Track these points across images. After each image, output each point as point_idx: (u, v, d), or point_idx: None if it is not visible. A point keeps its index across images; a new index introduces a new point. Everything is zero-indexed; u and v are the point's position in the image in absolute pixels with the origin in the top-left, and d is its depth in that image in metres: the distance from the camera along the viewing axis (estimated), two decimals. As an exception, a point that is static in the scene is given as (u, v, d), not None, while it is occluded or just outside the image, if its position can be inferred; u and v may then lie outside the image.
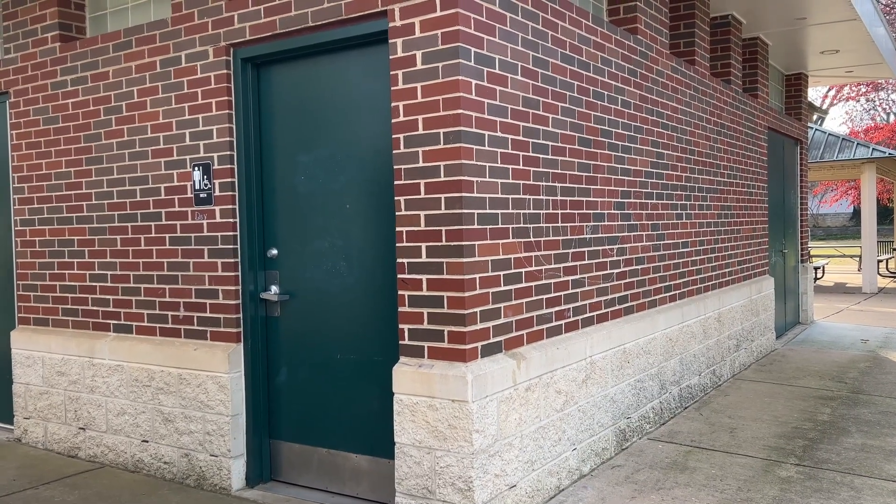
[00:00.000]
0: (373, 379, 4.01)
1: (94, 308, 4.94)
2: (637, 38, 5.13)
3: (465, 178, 3.45)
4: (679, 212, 5.85)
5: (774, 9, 7.12)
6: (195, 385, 4.40)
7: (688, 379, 5.93)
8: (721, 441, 5.01)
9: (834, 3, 6.89)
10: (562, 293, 4.25)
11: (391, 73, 3.60)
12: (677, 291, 5.85)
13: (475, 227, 3.52)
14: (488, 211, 3.61)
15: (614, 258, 4.83)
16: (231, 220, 4.27)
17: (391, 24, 3.59)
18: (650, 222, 5.34)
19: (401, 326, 3.65)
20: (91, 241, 4.92)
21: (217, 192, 4.30)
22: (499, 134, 3.69)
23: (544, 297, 4.08)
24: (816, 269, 16.74)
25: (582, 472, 4.37)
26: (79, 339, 4.96)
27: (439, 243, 3.50)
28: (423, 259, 3.55)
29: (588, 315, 4.53)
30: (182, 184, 4.45)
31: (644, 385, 5.16)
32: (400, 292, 3.64)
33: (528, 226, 3.94)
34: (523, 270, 3.89)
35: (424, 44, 3.49)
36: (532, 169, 3.97)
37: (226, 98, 4.24)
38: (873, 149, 14.19)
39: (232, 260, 4.28)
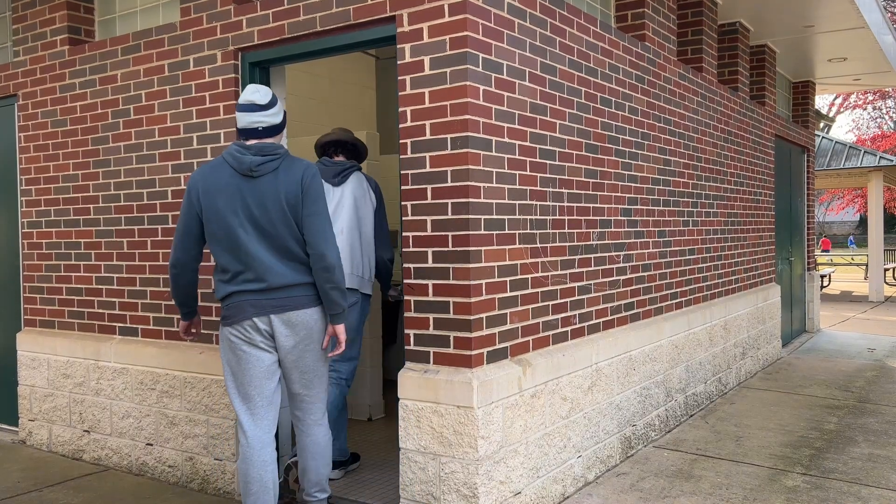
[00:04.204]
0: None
1: (100, 311, 4.95)
2: (645, 45, 5.13)
3: (472, 183, 3.45)
4: (686, 219, 5.84)
5: (782, 17, 7.11)
6: (200, 388, 4.39)
7: (693, 387, 5.91)
8: (727, 449, 4.99)
9: (842, 12, 6.88)
10: (568, 299, 4.24)
11: (399, 78, 3.60)
12: (683, 299, 5.83)
13: (482, 232, 3.51)
14: (495, 216, 3.60)
15: (621, 265, 4.82)
16: (237, 223, 4.26)
17: (399, 30, 3.59)
18: (657, 229, 5.33)
19: (406, 331, 3.64)
20: (97, 243, 4.93)
21: (224, 196, 4.30)
22: (506, 140, 3.69)
23: (550, 303, 4.07)
24: (823, 277, 16.69)
25: (587, 480, 4.35)
26: (84, 342, 4.96)
27: (446, 249, 3.50)
28: (430, 264, 3.55)
29: (594, 322, 4.52)
30: (189, 187, 4.45)
31: (650, 392, 5.14)
32: (406, 297, 3.64)
33: (535, 232, 3.93)
34: (529, 276, 3.89)
35: (432, 49, 3.49)
36: (539, 175, 3.96)
37: (234, 102, 4.24)
38: (880, 157, 14.15)
39: (238, 264, 4.27)
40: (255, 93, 3.31)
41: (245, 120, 3.28)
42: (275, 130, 3.32)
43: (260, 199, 3.21)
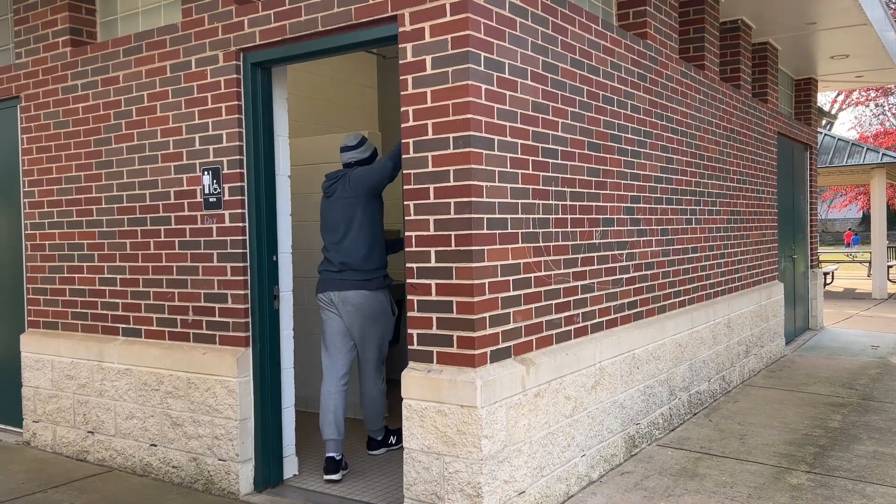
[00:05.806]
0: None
1: (104, 312, 4.95)
2: (646, 43, 5.12)
3: (475, 182, 3.44)
4: (688, 217, 5.83)
5: (784, 14, 7.10)
6: (204, 389, 4.40)
7: (697, 385, 5.90)
8: (731, 448, 4.98)
9: (844, 9, 6.87)
10: (571, 298, 4.24)
11: (401, 77, 3.60)
12: (686, 297, 5.83)
13: (484, 231, 3.51)
14: (497, 216, 3.60)
15: (623, 263, 4.82)
16: (240, 224, 4.27)
17: (401, 29, 3.59)
18: (659, 227, 5.32)
19: (410, 331, 3.64)
20: (101, 244, 4.93)
21: (227, 197, 4.31)
22: (508, 139, 3.69)
23: (553, 302, 4.07)
24: (826, 274, 16.67)
25: (591, 479, 4.35)
26: (88, 343, 4.97)
27: (448, 248, 3.50)
28: (432, 264, 3.55)
29: (597, 320, 4.51)
30: (191, 188, 4.46)
31: (653, 391, 5.13)
32: (409, 297, 3.63)
33: (538, 230, 3.93)
34: (532, 275, 3.88)
35: (434, 48, 3.49)
36: (541, 174, 3.96)
37: (235, 102, 4.24)
38: (883, 154, 14.12)
39: (241, 264, 4.28)
40: (349, 137, 4.66)
41: (344, 158, 4.67)
42: (365, 162, 4.66)
43: (337, 209, 4.50)
